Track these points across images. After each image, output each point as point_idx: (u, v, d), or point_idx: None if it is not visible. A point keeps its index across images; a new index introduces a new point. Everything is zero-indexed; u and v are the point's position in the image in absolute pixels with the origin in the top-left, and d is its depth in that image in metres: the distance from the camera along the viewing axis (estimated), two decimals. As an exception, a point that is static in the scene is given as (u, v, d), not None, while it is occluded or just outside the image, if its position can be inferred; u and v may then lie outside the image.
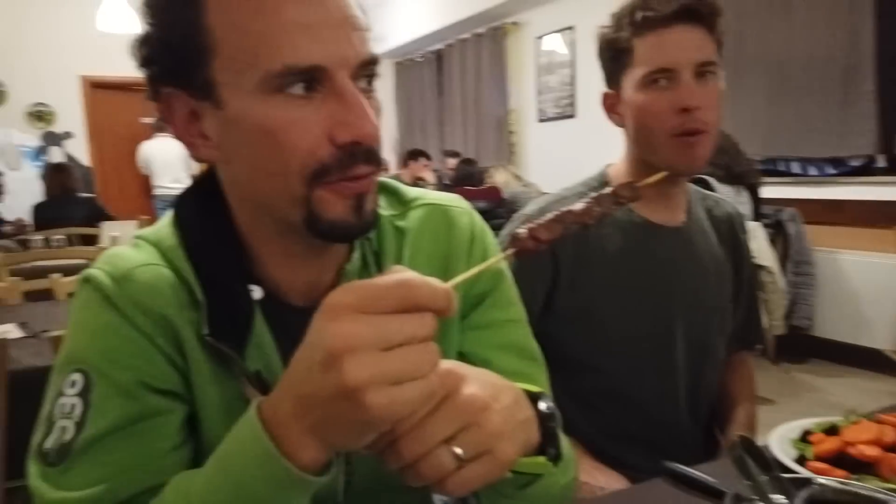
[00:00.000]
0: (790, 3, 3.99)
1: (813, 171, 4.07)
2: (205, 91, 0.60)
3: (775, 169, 4.20)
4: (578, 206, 0.60)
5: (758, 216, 3.51)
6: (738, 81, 4.18)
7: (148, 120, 7.51)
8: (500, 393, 0.53)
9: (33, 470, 0.61)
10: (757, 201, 3.51)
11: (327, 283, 0.71)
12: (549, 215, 0.58)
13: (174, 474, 0.61)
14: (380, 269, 0.73)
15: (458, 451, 0.48)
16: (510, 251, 0.57)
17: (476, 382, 0.50)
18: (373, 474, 0.67)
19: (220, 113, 0.61)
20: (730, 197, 3.29)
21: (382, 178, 0.79)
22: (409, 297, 0.44)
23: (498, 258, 0.58)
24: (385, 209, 0.75)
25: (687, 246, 1.17)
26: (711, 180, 3.24)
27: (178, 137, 0.65)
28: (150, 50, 0.62)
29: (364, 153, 0.59)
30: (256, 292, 0.68)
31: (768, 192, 3.75)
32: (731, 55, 4.33)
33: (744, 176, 3.36)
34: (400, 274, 0.45)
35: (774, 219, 3.87)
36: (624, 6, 1.07)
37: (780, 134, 4.10)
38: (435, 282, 0.45)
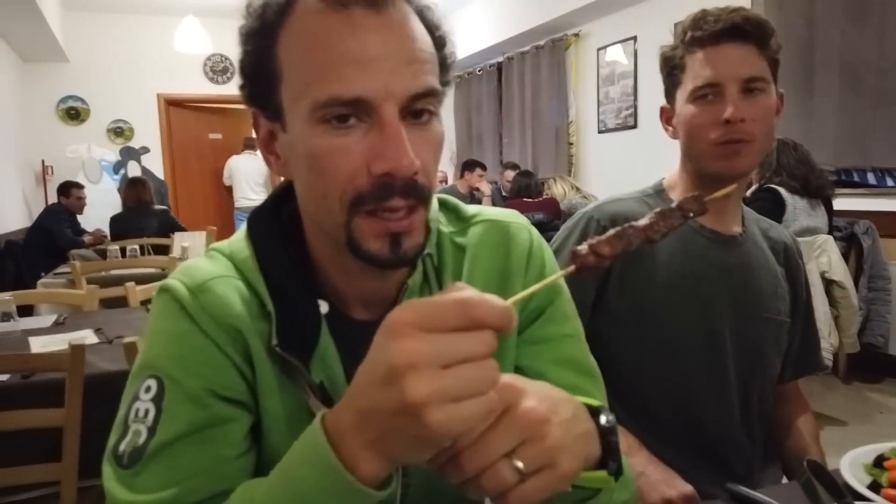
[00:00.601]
0: (864, 7, 3.83)
1: (889, 181, 3.88)
2: (276, 114, 0.65)
3: (850, 180, 4.02)
4: (643, 221, 0.59)
5: (831, 229, 3.37)
6: (809, 89, 4.04)
7: (215, 136, 7.88)
8: (559, 406, 0.53)
9: (107, 471, 0.63)
10: (830, 214, 3.38)
11: (389, 297, 0.72)
12: (612, 231, 0.57)
13: (238, 481, 0.63)
14: (440, 284, 0.74)
15: (520, 464, 0.48)
16: (571, 268, 0.56)
17: (535, 395, 0.50)
18: (429, 486, 0.68)
19: (285, 136, 0.65)
20: (804, 210, 3.18)
21: (442, 196, 0.81)
22: (468, 315, 0.44)
23: (558, 275, 0.57)
24: (445, 226, 0.77)
25: (741, 255, 1.19)
26: (783, 191, 3.13)
27: (262, 152, 0.70)
28: (242, 74, 0.68)
29: (401, 186, 0.60)
30: (323, 307, 0.70)
31: (841, 203, 3.60)
32: (801, 62, 4.22)
33: (820, 189, 3.24)
34: (460, 292, 0.45)
35: (848, 232, 3.70)
36: (684, 25, 1.13)
37: (853, 143, 3.92)
38: (495, 299, 0.45)
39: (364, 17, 0.59)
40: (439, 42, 0.66)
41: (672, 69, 1.15)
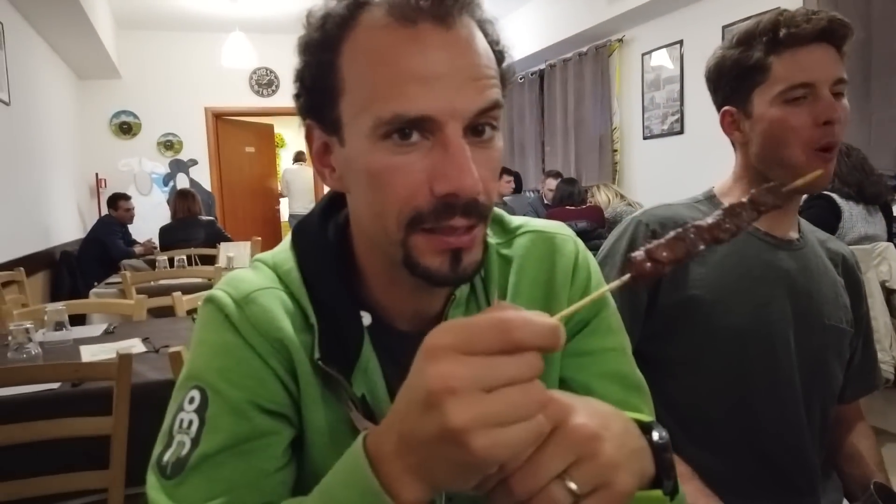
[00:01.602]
0: (925, 5, 3.68)
1: (954, 186, 3.70)
2: (334, 127, 0.64)
3: (910, 185, 3.85)
4: (707, 220, 0.54)
5: (890, 236, 3.23)
6: (866, 91, 3.89)
7: (250, 149, 8.15)
8: (609, 421, 0.50)
9: (151, 481, 0.64)
10: (890, 220, 3.23)
11: (435, 310, 0.72)
12: (671, 233, 0.52)
13: (278, 495, 0.63)
14: (487, 296, 0.73)
15: (573, 485, 0.45)
16: (626, 276, 0.51)
17: (584, 411, 0.47)
18: None
19: (343, 150, 0.64)
20: (861, 217, 3.05)
21: None
22: (508, 337, 0.42)
23: (613, 285, 0.52)
24: (491, 237, 0.76)
25: (800, 259, 1.15)
26: (837, 198, 3.02)
27: (314, 165, 0.69)
28: (298, 84, 0.67)
29: (462, 206, 0.59)
30: (366, 318, 0.69)
31: (902, 210, 3.45)
32: (859, 62, 4.07)
33: (878, 195, 3.11)
34: (500, 312, 0.43)
35: (909, 239, 3.54)
36: (754, 26, 1.09)
37: (914, 147, 3.76)
38: (540, 318, 0.43)
39: (431, 33, 0.58)
40: (500, 56, 0.65)
41: (748, 71, 1.10)
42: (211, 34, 7.50)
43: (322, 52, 0.62)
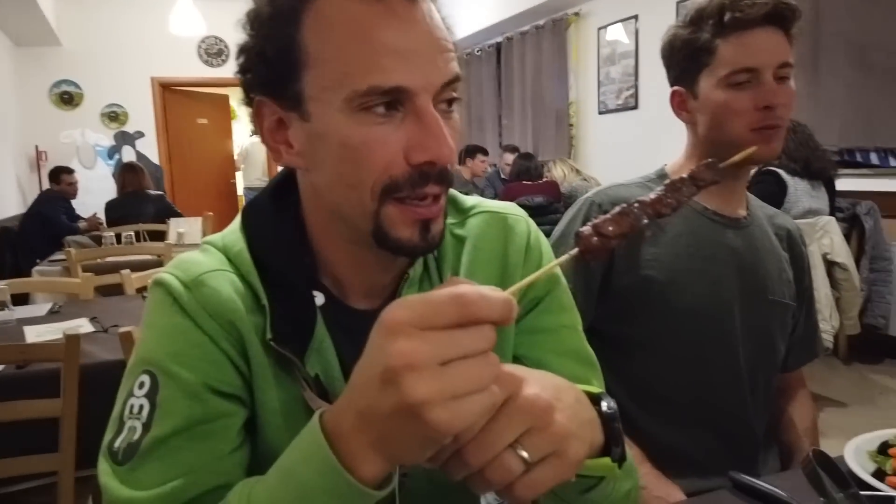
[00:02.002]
0: (871, -15, 3.78)
1: (892, 161, 3.86)
2: (294, 102, 0.63)
3: (852, 160, 3.99)
4: (650, 195, 0.56)
5: (832, 210, 3.35)
6: (814, 68, 3.99)
7: (203, 121, 7.91)
8: (561, 393, 0.52)
9: (103, 467, 0.63)
10: (833, 195, 3.36)
11: (388, 287, 0.73)
12: (616, 208, 0.54)
13: (234, 476, 0.63)
14: (440, 275, 0.74)
15: (524, 454, 0.47)
16: (574, 251, 0.53)
17: (537, 383, 0.49)
18: (428, 479, 0.68)
19: (306, 125, 0.63)
20: (806, 192, 3.16)
21: None
22: (465, 310, 0.43)
23: (561, 259, 0.54)
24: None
25: (747, 237, 1.18)
26: (783, 174, 3.11)
27: (265, 142, 0.68)
28: (246, 59, 0.65)
29: (437, 174, 0.61)
30: (319, 298, 0.70)
31: (844, 184, 3.58)
32: (807, 40, 4.15)
33: (822, 171, 3.22)
34: (455, 287, 0.44)
35: (850, 213, 3.69)
36: (704, 7, 1.10)
37: (858, 123, 3.89)
38: (492, 292, 0.44)
39: (401, 7, 0.60)
40: (450, 30, 0.66)
41: (695, 52, 1.11)
42: (157, 0, 7.23)
43: (279, 25, 0.61)
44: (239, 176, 8.69)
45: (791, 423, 1.25)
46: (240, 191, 8.96)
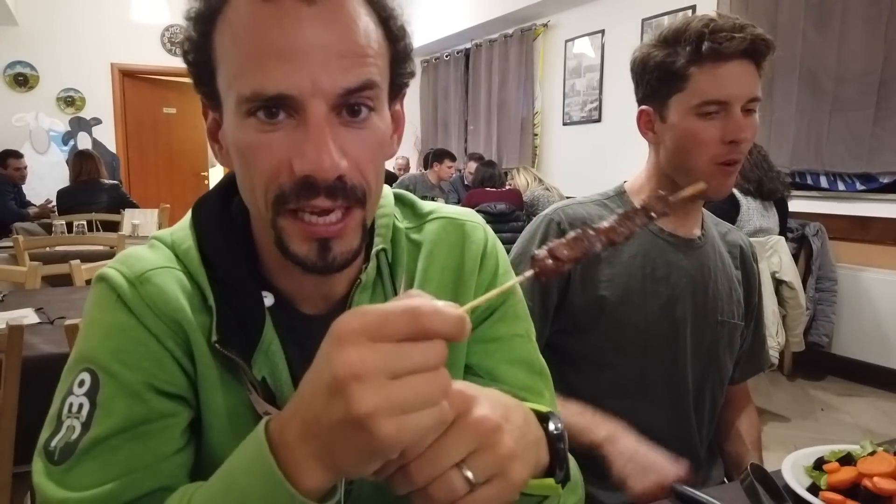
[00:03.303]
0: (827, 14, 3.92)
1: (840, 185, 4.00)
2: (216, 103, 0.63)
3: (803, 182, 4.13)
4: (604, 223, 0.57)
5: (783, 230, 3.46)
6: (769, 91, 4.12)
7: (169, 110, 7.67)
8: (510, 413, 0.52)
9: (38, 467, 0.61)
10: (784, 215, 3.46)
11: (340, 293, 0.71)
12: (571, 234, 0.55)
13: (176, 478, 0.61)
14: (394, 280, 0.73)
15: (469, 474, 0.46)
16: (529, 273, 0.54)
17: (487, 403, 0.49)
18: (372, 490, 0.67)
19: (223, 126, 0.64)
20: (758, 211, 3.25)
21: (399, 191, 0.80)
22: (418, 324, 0.42)
23: (516, 280, 0.55)
24: (401, 221, 0.76)
25: (700, 258, 1.20)
26: (737, 193, 3.20)
27: (209, 141, 0.68)
28: (184, 59, 0.64)
29: (326, 188, 0.57)
30: (268, 299, 0.68)
31: (794, 205, 3.70)
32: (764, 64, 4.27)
33: (774, 192, 3.31)
34: (411, 300, 0.44)
35: (799, 233, 3.81)
36: (682, 30, 1.09)
37: (809, 147, 4.03)
38: (447, 307, 0.44)
39: (294, 8, 0.56)
40: (396, 33, 0.63)
41: (669, 76, 1.10)
42: (120, -16, 7.06)
43: (201, 24, 0.61)
44: (215, 170, 8.37)
45: (738, 435, 1.28)
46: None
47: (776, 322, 3.26)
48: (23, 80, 7.10)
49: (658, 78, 1.12)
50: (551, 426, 0.58)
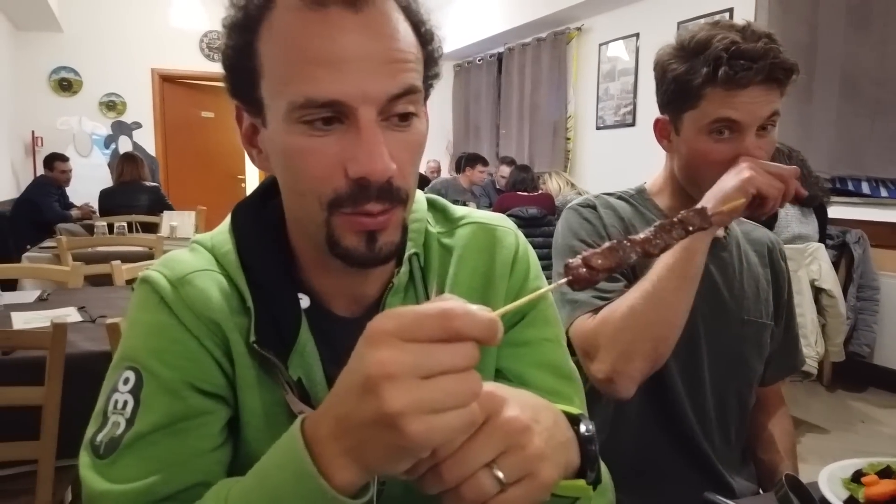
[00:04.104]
0: (867, 15, 3.83)
1: (883, 192, 3.90)
2: (257, 109, 0.65)
3: (843, 188, 4.03)
4: (641, 234, 0.58)
5: (823, 237, 3.38)
6: (808, 96, 4.04)
7: (207, 114, 7.79)
8: (540, 414, 0.52)
9: (84, 460, 0.63)
10: (824, 222, 3.39)
11: (373, 296, 0.72)
12: (607, 244, 0.56)
13: (213, 474, 0.63)
14: (426, 284, 0.74)
15: (500, 474, 0.47)
16: (563, 280, 0.54)
17: (517, 404, 0.50)
18: (403, 490, 0.67)
19: (266, 131, 0.65)
20: (796, 218, 3.18)
21: (431, 196, 0.81)
22: (450, 326, 0.43)
23: (549, 288, 0.57)
24: (433, 226, 0.77)
25: (724, 258, 1.19)
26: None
27: (244, 145, 0.70)
28: (223, 66, 0.66)
29: (377, 190, 0.60)
30: (304, 301, 0.70)
31: (834, 212, 3.62)
32: (803, 68, 4.16)
33: (813, 198, 3.24)
34: (444, 302, 0.44)
35: (840, 240, 3.72)
36: (703, 45, 1.07)
37: (850, 152, 3.94)
38: (480, 311, 0.44)
39: (341, 17, 0.58)
40: (426, 37, 0.65)
41: (685, 91, 1.09)
42: (161, -8, 7.23)
43: (243, 33, 0.62)
44: (252, 172, 8.42)
45: (771, 441, 1.25)
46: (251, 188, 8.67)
47: (815, 331, 3.18)
48: (67, 85, 7.31)
49: (674, 91, 1.12)
50: (582, 428, 0.58)
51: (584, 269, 0.54)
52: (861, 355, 3.68)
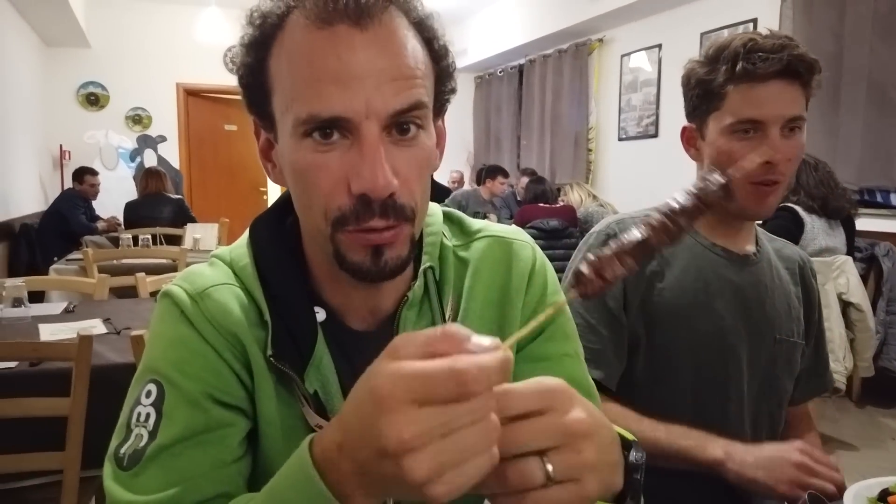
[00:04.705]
0: (893, 24, 3.77)
1: (913, 203, 3.82)
2: (270, 124, 0.67)
3: (872, 200, 3.96)
4: (649, 226, 0.55)
5: (850, 250, 3.32)
6: (834, 106, 3.98)
7: (230, 127, 7.87)
8: (601, 428, 0.51)
9: (108, 471, 0.64)
10: (851, 234, 3.32)
11: (388, 309, 0.73)
12: (615, 248, 0.54)
13: (234, 485, 0.64)
14: (441, 297, 0.74)
15: (550, 467, 0.45)
16: (574, 293, 0.53)
17: (584, 409, 0.49)
18: None
19: (277, 146, 0.67)
20: (823, 230, 3.13)
21: (448, 209, 0.82)
22: (464, 389, 0.41)
23: (559, 305, 0.56)
24: (449, 239, 0.77)
25: (755, 274, 1.17)
26: (801, 211, 3.09)
27: (261, 159, 0.71)
28: (239, 83, 0.68)
29: (379, 206, 0.60)
30: (320, 314, 0.71)
31: (862, 224, 3.55)
32: (828, 79, 4.11)
33: (840, 210, 3.18)
34: (454, 361, 0.41)
35: (868, 253, 3.65)
36: (723, 48, 1.08)
37: (878, 163, 3.86)
38: (490, 355, 0.42)
39: (347, 35, 0.59)
40: (440, 53, 0.66)
41: (708, 94, 1.10)
42: (185, 7, 7.33)
43: (257, 50, 0.64)
44: (274, 185, 8.52)
45: None
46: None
47: (843, 346, 3.12)
48: (94, 100, 7.45)
49: (698, 95, 1.13)
50: (632, 455, 0.57)
51: (597, 280, 0.52)
52: (891, 370, 3.59)
